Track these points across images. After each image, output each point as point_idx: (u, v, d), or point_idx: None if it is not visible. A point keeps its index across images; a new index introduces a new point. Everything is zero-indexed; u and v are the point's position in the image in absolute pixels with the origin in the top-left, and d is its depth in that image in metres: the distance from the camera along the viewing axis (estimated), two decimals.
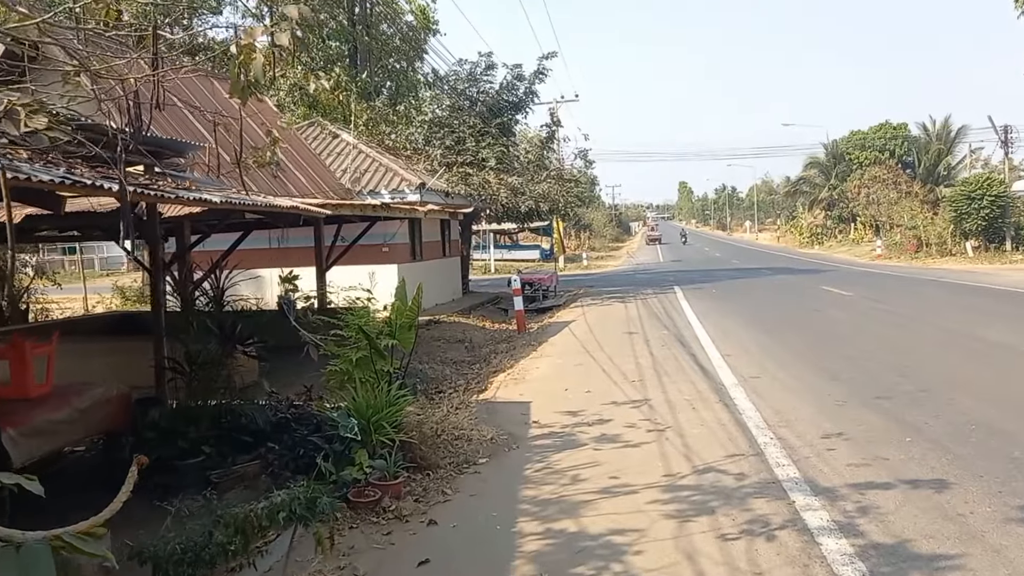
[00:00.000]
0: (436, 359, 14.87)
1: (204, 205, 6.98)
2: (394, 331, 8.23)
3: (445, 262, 25.25)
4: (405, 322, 8.26)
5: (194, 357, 8.34)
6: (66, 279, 32.86)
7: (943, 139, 63.66)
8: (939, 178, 62.08)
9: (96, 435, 8.06)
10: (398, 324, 8.23)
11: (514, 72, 27.12)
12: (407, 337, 8.35)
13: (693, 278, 35.06)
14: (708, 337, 15.72)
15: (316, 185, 16.94)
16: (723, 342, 15.05)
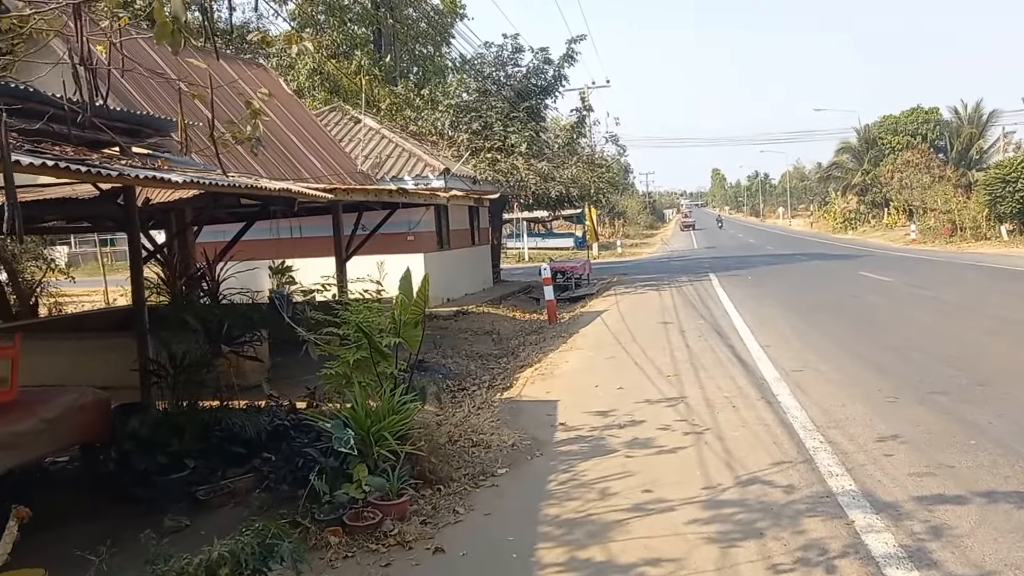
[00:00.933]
0: (461, 352, 14.15)
1: (163, 186, 6.22)
2: (399, 328, 7.46)
3: (474, 251, 24.51)
4: (411, 318, 7.49)
5: (177, 358, 7.66)
6: (97, 271, 32.56)
7: (975, 123, 62.29)
8: (971, 162, 60.86)
9: (69, 447, 7.40)
10: (403, 321, 7.45)
11: (542, 55, 26.25)
12: (413, 335, 7.58)
13: (728, 264, 34.07)
14: (746, 326, 14.86)
15: (331, 169, 16.26)
16: (762, 332, 14.18)
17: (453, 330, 16.78)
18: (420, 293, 7.50)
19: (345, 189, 11.53)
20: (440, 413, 10.39)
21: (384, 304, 7.73)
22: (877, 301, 17.92)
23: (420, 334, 7.68)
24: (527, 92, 25.50)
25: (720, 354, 12.40)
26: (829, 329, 14.24)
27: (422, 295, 7.51)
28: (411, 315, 7.49)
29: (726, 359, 11.95)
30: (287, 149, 15.54)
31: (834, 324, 14.85)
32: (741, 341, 13.39)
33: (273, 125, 16.02)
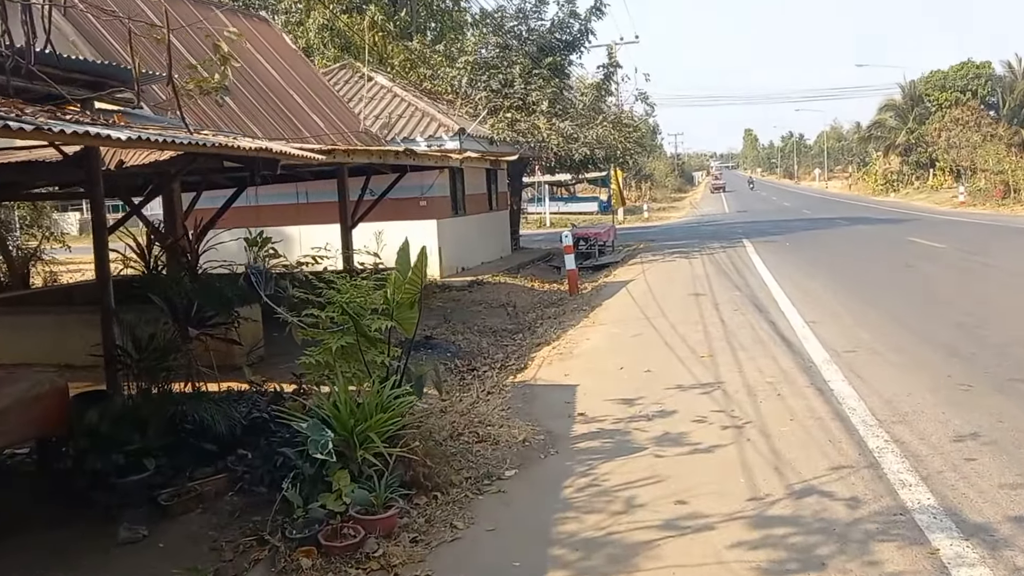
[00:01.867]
0: (473, 328, 13.06)
1: (104, 143, 5.11)
2: (392, 310, 6.35)
3: (491, 216, 23.33)
4: (405, 298, 6.38)
5: (142, 342, 6.62)
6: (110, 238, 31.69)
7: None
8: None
9: (21, 442, 6.42)
10: (396, 301, 6.34)
11: (568, 8, 24.86)
12: (408, 318, 6.48)
13: (763, 229, 32.64)
14: (787, 299, 13.63)
15: (335, 129, 15.15)
16: (805, 305, 12.96)
17: (466, 302, 15.69)
18: (416, 269, 6.37)
19: (345, 150, 10.42)
20: (445, 399, 9.35)
21: (380, 279, 6.63)
22: (932, 270, 16.55)
23: (416, 316, 6.57)
24: (551, 47, 24.16)
25: (760, 331, 11.21)
26: (882, 302, 12.96)
27: (418, 271, 6.39)
28: (406, 294, 6.38)
29: (767, 337, 10.76)
30: (288, 107, 14.42)
31: (887, 297, 13.55)
32: (783, 316, 12.18)
33: (273, 82, 14.92)
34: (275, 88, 14.69)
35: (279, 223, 19.80)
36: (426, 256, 6.49)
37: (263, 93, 14.05)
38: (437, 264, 19.01)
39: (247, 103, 13.33)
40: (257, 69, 14.77)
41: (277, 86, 14.85)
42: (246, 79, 14.01)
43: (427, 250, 6.58)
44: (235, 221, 20.68)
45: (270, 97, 14.12)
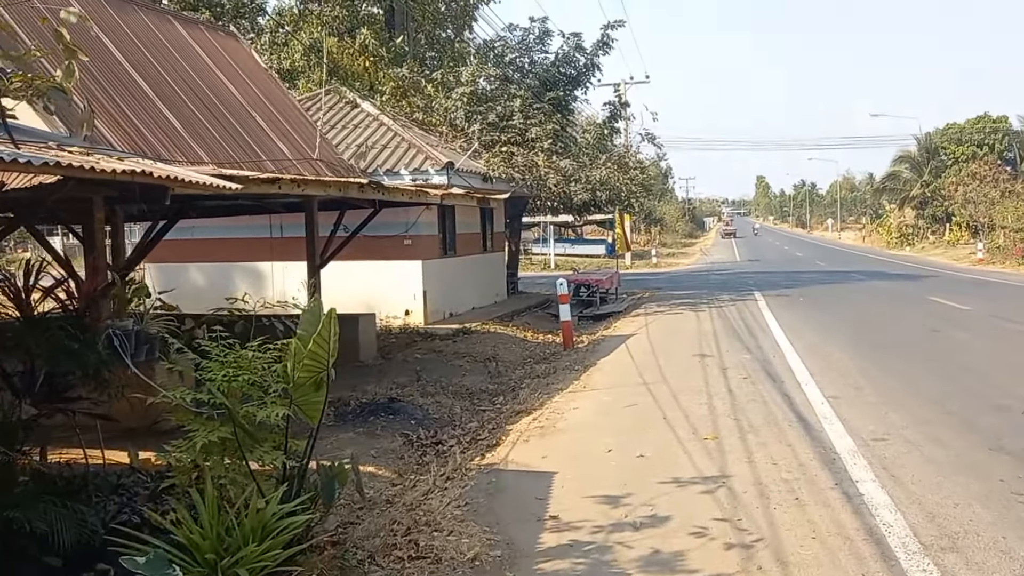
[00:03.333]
0: (448, 388, 11.59)
1: None
2: (292, 387, 4.88)
3: (485, 258, 21.89)
4: (305, 376, 4.90)
5: None
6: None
7: None
8: None
9: None
10: (295, 379, 4.86)
11: (573, 41, 23.60)
12: (312, 401, 5.00)
13: (775, 281, 31.13)
14: (803, 366, 12.12)
15: (301, 156, 13.75)
16: (824, 375, 11.44)
17: (447, 354, 14.23)
18: (320, 338, 4.87)
19: (295, 180, 8.98)
20: (399, 482, 7.87)
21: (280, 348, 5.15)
22: (962, 337, 14.93)
23: (323, 398, 5.07)
24: (554, 82, 22.89)
25: (773, 406, 9.68)
26: (911, 375, 11.40)
27: (323, 341, 4.89)
28: (306, 372, 4.89)
29: (781, 415, 9.23)
30: (248, 131, 13.06)
31: (915, 369, 11.97)
32: (798, 387, 10.66)
33: (233, 102, 13.58)
34: (234, 109, 13.35)
35: (252, 258, 18.46)
36: (335, 320, 4.97)
37: (218, 113, 12.71)
38: (421, 310, 17.60)
39: (196, 123, 11.97)
40: (215, 87, 13.45)
41: (237, 107, 13.51)
42: (199, 96, 12.68)
43: (332, 316, 4.98)
44: (204, 255, 19.32)
45: (226, 118, 12.78)
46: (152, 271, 19.63)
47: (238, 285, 18.56)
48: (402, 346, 14.97)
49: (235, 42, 15.97)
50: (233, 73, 14.62)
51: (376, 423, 9.67)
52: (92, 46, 11.77)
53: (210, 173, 8.03)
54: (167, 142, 11.44)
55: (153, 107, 11.87)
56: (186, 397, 4.82)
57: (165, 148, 11.25)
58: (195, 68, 13.55)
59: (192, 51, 14.01)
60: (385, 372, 12.56)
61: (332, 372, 5.17)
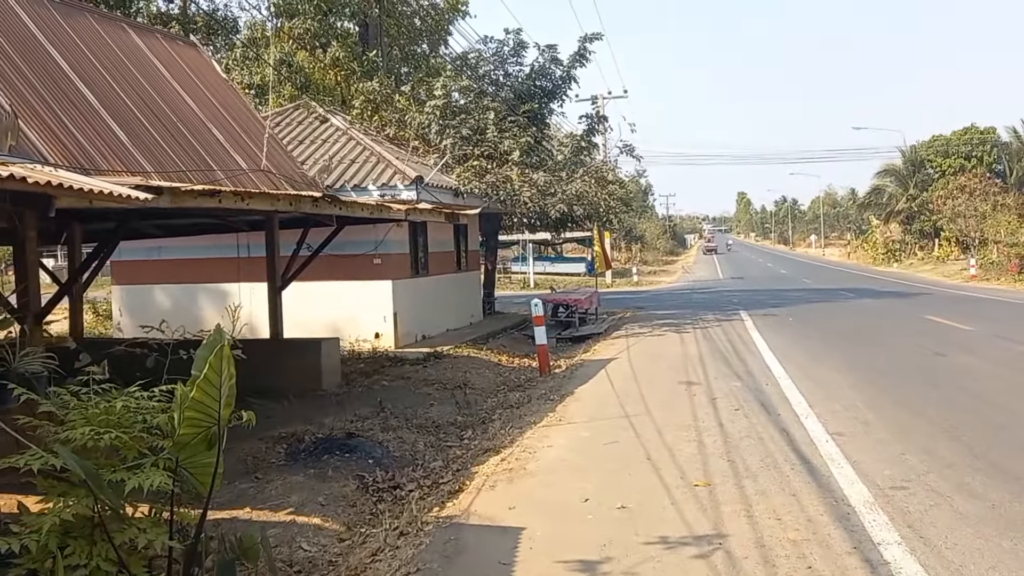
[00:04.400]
0: (413, 421, 10.49)
1: None
2: (174, 446, 3.77)
3: (460, 277, 20.80)
4: (191, 432, 3.79)
5: None
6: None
7: None
8: None
9: None
10: (178, 436, 3.75)
11: (549, 54, 22.64)
12: (201, 463, 3.90)
13: (761, 300, 30.20)
14: (800, 395, 11.08)
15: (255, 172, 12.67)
16: (824, 405, 10.40)
17: (416, 381, 13.13)
18: (207, 381, 3.74)
19: (238, 193, 7.86)
20: (346, 537, 6.78)
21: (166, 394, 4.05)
22: (969, 362, 13.86)
23: (214, 458, 3.96)
24: (529, 95, 21.90)
25: (770, 444, 8.62)
26: (921, 407, 10.32)
27: (209, 385, 3.76)
28: (191, 426, 3.78)
29: (781, 456, 8.16)
30: (202, 142, 11.98)
31: (925, 398, 10.85)
32: (797, 421, 9.60)
33: (188, 113, 12.50)
34: (189, 120, 12.28)
35: (219, 279, 17.36)
36: (230, 359, 3.86)
37: (171, 125, 11.63)
38: (392, 332, 16.49)
39: (144, 135, 10.90)
40: (169, 97, 12.37)
41: (193, 118, 12.44)
42: (150, 107, 11.60)
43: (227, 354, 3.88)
44: (170, 276, 18.21)
45: (179, 130, 11.70)
46: (117, 293, 18.59)
47: (203, 307, 17.48)
48: (369, 372, 13.85)
49: (195, 52, 14.89)
50: (191, 84, 13.56)
51: (330, 463, 8.59)
52: (33, 53, 10.72)
53: (130, 184, 6.95)
54: (109, 154, 10.36)
55: (97, 118, 10.82)
56: (34, 462, 3.71)
57: (106, 160, 10.16)
58: (148, 78, 12.49)
59: (146, 60, 12.95)
60: (347, 402, 11.45)
61: (253, 416, 4.10)
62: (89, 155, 9.72)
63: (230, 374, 3.78)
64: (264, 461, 8.62)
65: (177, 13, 25.77)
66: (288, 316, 15.63)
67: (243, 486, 7.91)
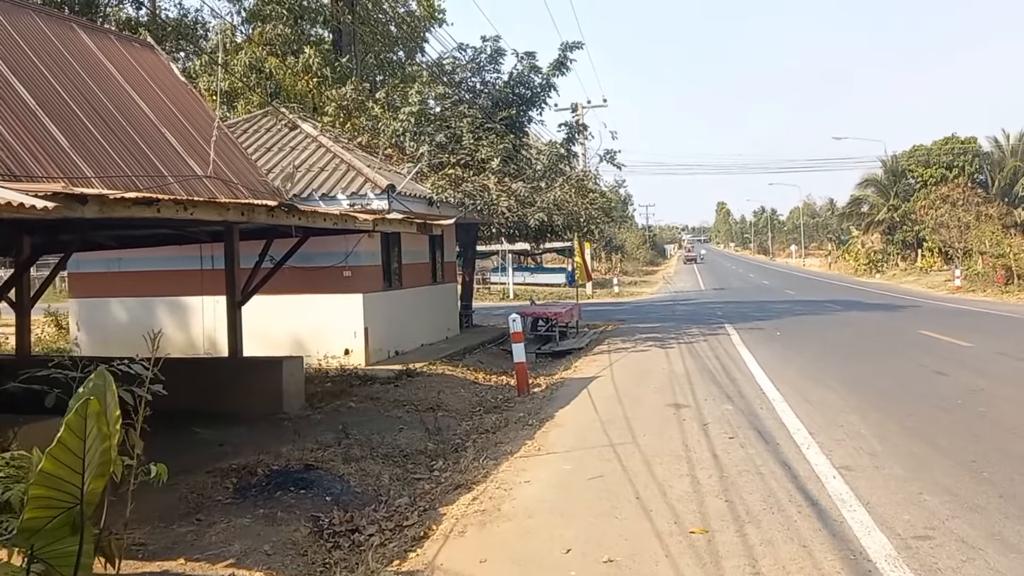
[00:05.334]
0: (379, 450, 9.58)
1: None
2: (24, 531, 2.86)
3: (435, 290, 19.91)
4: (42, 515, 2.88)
5: None
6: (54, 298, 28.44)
7: (1019, 155, 57.31)
8: (1016, 199, 55.71)
9: None
10: (27, 518, 2.83)
11: (527, 62, 21.83)
12: (62, 553, 2.98)
13: (745, 312, 29.49)
14: (798, 420, 10.27)
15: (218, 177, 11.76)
16: (826, 433, 9.58)
17: (386, 403, 12.23)
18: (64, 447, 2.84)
19: (179, 202, 6.93)
20: None
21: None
22: (977, 382, 12.96)
23: (80, 546, 3.05)
24: (507, 102, 21.08)
25: (772, 480, 7.78)
26: (932, 435, 9.47)
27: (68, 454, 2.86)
28: (40, 508, 2.87)
29: (785, 495, 7.32)
30: (153, 147, 11.06)
31: (936, 425, 10.02)
32: (798, 452, 8.78)
33: (140, 117, 11.59)
34: (141, 125, 11.36)
35: (180, 292, 16.44)
36: (99, 415, 2.96)
37: (120, 129, 10.70)
38: (362, 349, 15.59)
39: (89, 139, 9.98)
40: (120, 101, 11.44)
41: (146, 123, 11.52)
42: (97, 110, 10.68)
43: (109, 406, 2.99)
44: (129, 289, 17.20)
45: (129, 135, 10.78)
46: (75, 307, 17.61)
47: (164, 321, 16.54)
48: (336, 393, 12.91)
49: (151, 54, 13.95)
50: (144, 87, 12.64)
51: (283, 501, 7.69)
52: None
53: (41, 192, 6.06)
54: (45, 159, 9.45)
55: (34, 121, 9.92)
56: None
57: (40, 166, 9.24)
58: (97, 79, 11.57)
59: (96, 62, 12.04)
60: (309, 427, 10.54)
61: (164, 470, 3.22)
62: (20, 159, 8.81)
63: (104, 435, 2.89)
64: (209, 498, 7.69)
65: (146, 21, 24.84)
66: (252, 332, 14.74)
67: (182, 530, 7.00)
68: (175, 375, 11.92)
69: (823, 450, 8.76)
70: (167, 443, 9.74)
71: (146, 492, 7.65)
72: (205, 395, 10.94)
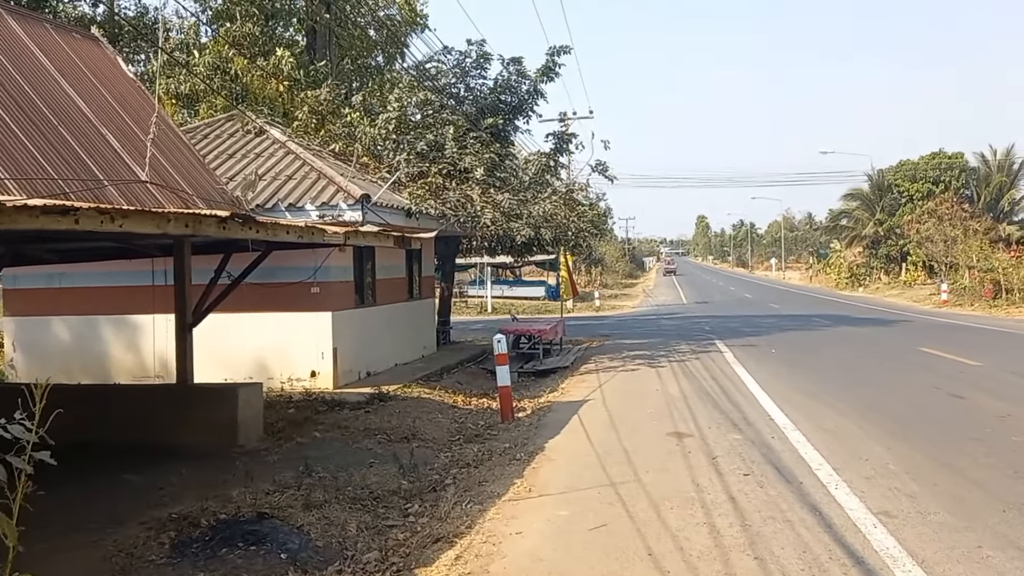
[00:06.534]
0: (345, 491, 8.36)
1: None
2: None
3: (412, 307, 18.74)
4: None
5: None
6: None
7: (1005, 170, 57.67)
8: (1001, 214, 56.03)
9: None
10: None
11: (514, 67, 20.82)
12: None
13: (733, 327, 28.54)
14: (818, 454, 9.17)
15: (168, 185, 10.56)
16: (853, 469, 8.48)
17: (355, 432, 11.05)
18: None
19: (104, 211, 5.75)
20: None
21: None
22: (999, 407, 11.83)
23: None
24: (493, 110, 20.02)
25: (803, 530, 6.66)
26: (973, 472, 8.32)
27: None
28: None
29: (822, 549, 6.19)
30: (89, 149, 9.83)
31: (972, 459, 8.84)
32: (826, 493, 7.67)
33: (76, 115, 10.35)
34: (76, 123, 10.13)
35: (130, 310, 15.14)
36: None
37: (46, 125, 9.46)
38: (330, 371, 14.41)
39: (7, 137, 8.71)
40: (52, 96, 10.19)
41: (80, 120, 10.29)
42: (22, 106, 9.42)
43: None
44: (72, 307, 15.66)
45: (59, 133, 9.53)
46: (10, 326, 16.21)
47: (110, 343, 15.27)
48: (299, 421, 11.68)
49: (95, 47, 12.70)
50: (84, 83, 11.39)
51: (228, 561, 6.51)
52: None
53: None
54: None
55: None
56: None
57: None
58: (25, 72, 10.29)
59: (25, 51, 10.76)
60: (266, 464, 9.31)
61: None
62: None
63: None
64: (140, 559, 6.47)
65: (102, 19, 23.57)
66: (209, 354, 13.51)
67: None
68: (110, 404, 10.59)
69: (854, 490, 7.67)
70: (99, 486, 8.45)
71: (60, 552, 6.49)
72: (148, 428, 9.74)
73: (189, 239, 9.95)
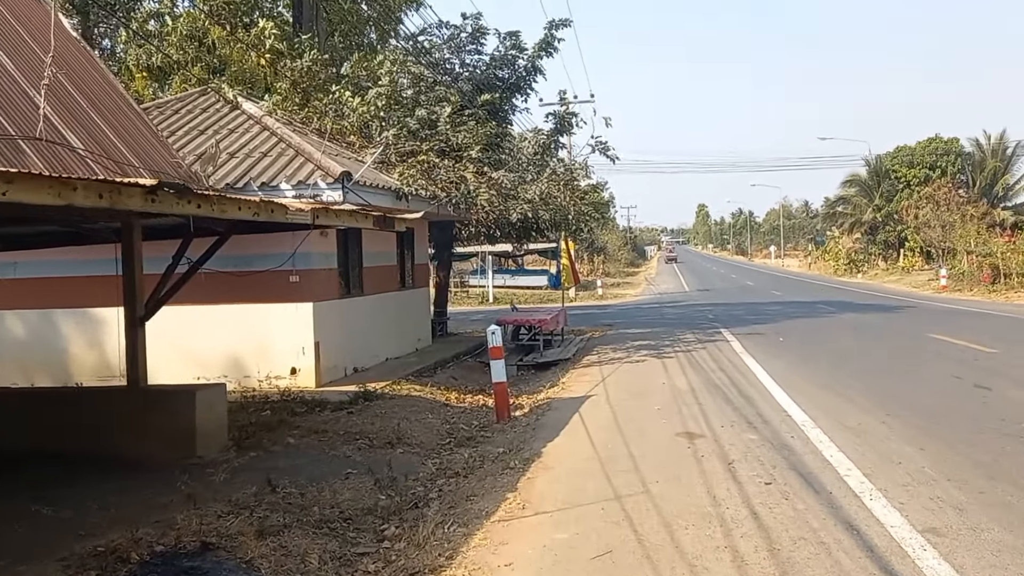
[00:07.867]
0: (311, 511, 7.30)
1: None
2: None
3: (404, 296, 17.77)
4: None
5: None
6: None
7: (999, 155, 57.60)
8: (996, 198, 55.99)
9: None
10: None
11: (511, 41, 19.76)
12: None
13: (738, 315, 27.64)
14: (845, 457, 8.21)
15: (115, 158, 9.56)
16: (887, 476, 7.50)
17: (334, 437, 10.07)
18: None
19: None
20: None
21: None
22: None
23: None
24: (489, 85, 18.99)
25: (840, 554, 5.70)
26: (1017, 475, 7.47)
27: None
28: None
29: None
30: (21, 121, 8.82)
31: (1017, 460, 7.95)
32: (860, 505, 6.70)
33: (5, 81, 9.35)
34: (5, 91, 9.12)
35: (90, 303, 14.05)
36: None
37: None
38: (312, 367, 13.43)
39: None
40: None
41: (13, 89, 9.27)
42: None
43: None
44: (25, 300, 14.38)
45: None
46: None
47: (69, 338, 14.26)
48: (272, 425, 10.61)
49: (34, 4, 11.65)
50: (15, 42, 10.31)
51: None
52: None
53: None
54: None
55: None
56: None
57: None
58: None
59: None
60: (224, 478, 8.21)
61: None
62: None
63: None
64: None
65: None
66: (178, 351, 12.56)
67: None
68: (44, 410, 9.31)
69: (892, 502, 6.72)
70: (16, 509, 7.12)
71: None
72: (90, 437, 8.72)
73: (138, 220, 8.97)
